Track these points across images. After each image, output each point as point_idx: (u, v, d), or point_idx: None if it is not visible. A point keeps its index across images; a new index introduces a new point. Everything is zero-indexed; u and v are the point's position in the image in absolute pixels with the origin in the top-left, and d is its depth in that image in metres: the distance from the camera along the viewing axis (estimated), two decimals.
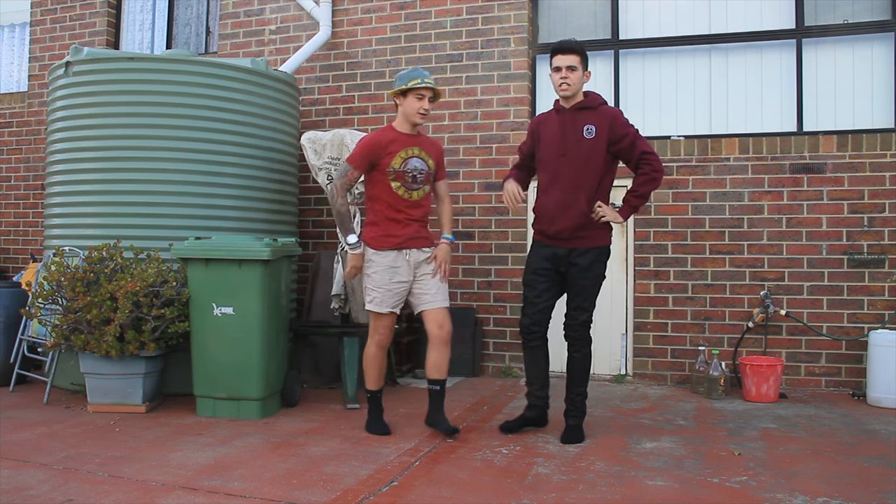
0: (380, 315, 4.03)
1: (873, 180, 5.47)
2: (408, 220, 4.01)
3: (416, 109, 3.96)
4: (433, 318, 4.03)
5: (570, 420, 4.05)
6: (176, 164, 5.11)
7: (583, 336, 4.01)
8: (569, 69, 3.90)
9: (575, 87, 3.92)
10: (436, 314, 4.03)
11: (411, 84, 3.92)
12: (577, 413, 4.06)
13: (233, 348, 4.43)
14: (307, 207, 6.67)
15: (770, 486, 3.25)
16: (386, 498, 3.07)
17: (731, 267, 5.69)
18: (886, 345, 4.99)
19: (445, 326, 4.03)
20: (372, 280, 4.01)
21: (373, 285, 4.00)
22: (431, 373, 4.10)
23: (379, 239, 4.00)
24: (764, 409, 4.90)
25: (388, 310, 4.01)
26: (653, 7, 6.14)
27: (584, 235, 3.95)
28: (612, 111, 3.99)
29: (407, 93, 3.96)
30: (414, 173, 3.99)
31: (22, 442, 3.88)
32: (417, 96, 3.95)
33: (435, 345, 4.05)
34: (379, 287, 3.98)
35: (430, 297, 4.03)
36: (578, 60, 3.92)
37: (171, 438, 3.97)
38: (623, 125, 3.92)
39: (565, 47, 3.94)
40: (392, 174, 3.95)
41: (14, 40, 8.15)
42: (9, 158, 7.80)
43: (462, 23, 6.32)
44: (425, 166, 4.04)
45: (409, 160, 3.98)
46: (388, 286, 3.98)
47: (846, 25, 5.70)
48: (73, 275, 4.51)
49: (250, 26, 6.95)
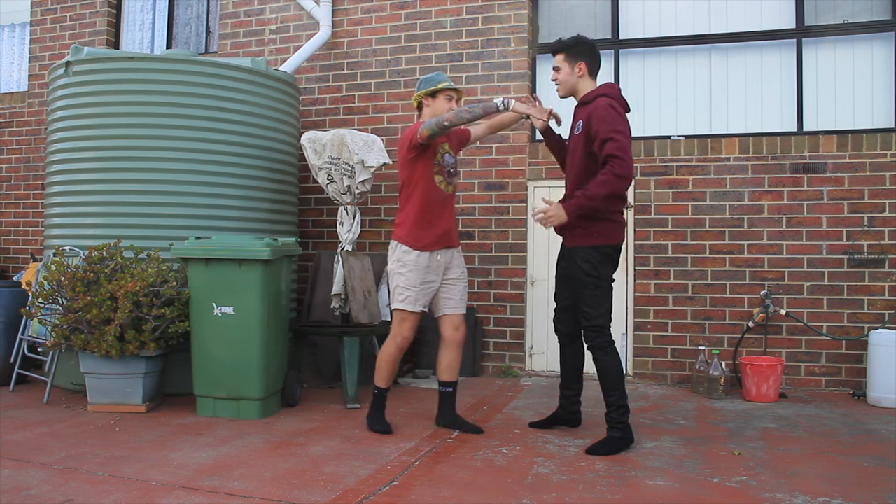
0: (410, 315, 4.03)
1: (873, 180, 5.47)
2: (441, 218, 4.07)
3: (445, 110, 4.06)
4: (451, 321, 4.12)
5: (608, 430, 3.85)
6: (176, 164, 5.11)
7: (595, 342, 3.82)
8: (555, 70, 3.97)
9: (565, 84, 3.95)
10: (454, 318, 4.13)
11: (441, 86, 4.07)
12: (613, 423, 3.82)
13: (233, 348, 4.42)
14: (307, 207, 6.67)
15: (770, 486, 3.25)
16: (386, 498, 3.07)
17: (731, 267, 5.69)
18: (886, 345, 4.99)
19: (461, 330, 4.13)
20: (406, 279, 4.01)
21: (406, 284, 4.01)
22: (444, 374, 4.13)
23: (415, 237, 4.02)
24: (764, 408, 4.90)
25: (421, 308, 4.04)
26: (653, 7, 6.14)
27: (569, 234, 3.91)
28: (597, 104, 3.74)
29: (437, 94, 4.10)
30: (449, 168, 4.13)
31: (22, 442, 3.88)
32: (447, 97, 4.10)
33: (449, 346, 4.11)
34: (413, 286, 4.00)
35: (454, 304, 4.13)
36: (563, 59, 3.93)
37: (172, 438, 3.97)
38: (599, 120, 3.67)
39: (550, 49, 4.01)
40: (437, 167, 4.06)
41: (14, 40, 8.15)
42: (9, 158, 7.80)
43: (462, 23, 6.32)
44: (454, 161, 4.20)
45: (445, 155, 4.13)
46: (422, 286, 4.01)
47: (846, 25, 5.70)
48: (73, 275, 4.51)
49: (250, 26, 6.95)
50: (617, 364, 3.83)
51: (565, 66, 3.93)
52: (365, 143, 5.33)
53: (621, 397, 3.81)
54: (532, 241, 6.13)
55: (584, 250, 3.83)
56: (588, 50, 3.94)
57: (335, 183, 5.35)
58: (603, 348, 3.82)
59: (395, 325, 4.08)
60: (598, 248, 3.82)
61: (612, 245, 3.86)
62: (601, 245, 3.82)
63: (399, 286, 4.04)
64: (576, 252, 3.86)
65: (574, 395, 4.17)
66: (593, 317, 3.82)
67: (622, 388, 3.83)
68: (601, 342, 3.82)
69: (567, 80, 3.93)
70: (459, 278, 4.16)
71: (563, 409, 4.22)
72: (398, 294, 4.04)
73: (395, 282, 4.06)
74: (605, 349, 3.82)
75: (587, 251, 3.82)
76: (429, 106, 4.13)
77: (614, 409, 3.81)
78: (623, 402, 3.82)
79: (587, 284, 3.83)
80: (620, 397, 3.81)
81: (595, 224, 3.80)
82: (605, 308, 3.83)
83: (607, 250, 3.84)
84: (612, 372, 3.81)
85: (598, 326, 3.82)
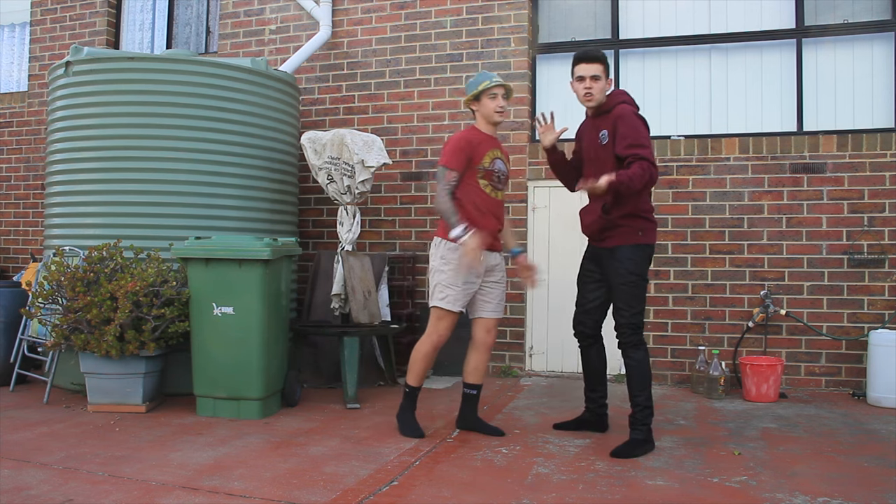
0: (448, 314, 3.99)
1: (873, 180, 5.47)
2: (491, 220, 4.01)
3: (492, 109, 4.01)
4: (484, 324, 4.08)
5: (631, 432, 3.84)
6: (176, 164, 5.11)
7: (629, 340, 3.81)
8: (593, 79, 3.86)
9: (598, 96, 3.88)
10: (488, 322, 4.09)
11: (482, 87, 3.98)
12: (637, 425, 3.81)
13: (233, 348, 4.42)
14: (307, 207, 6.67)
15: (770, 486, 3.25)
16: (386, 498, 3.07)
17: (731, 267, 5.69)
18: (886, 345, 4.99)
19: (493, 333, 4.11)
20: (448, 277, 3.95)
21: (448, 282, 3.95)
22: (470, 377, 4.11)
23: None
24: (764, 408, 4.90)
25: (459, 308, 3.99)
26: (653, 7, 6.14)
27: (610, 235, 3.91)
28: (621, 111, 3.81)
29: (480, 97, 4.01)
30: (499, 174, 4.05)
31: (22, 442, 3.87)
32: (490, 96, 4.00)
33: (479, 349, 4.09)
34: (455, 285, 3.94)
35: (493, 307, 4.09)
36: (602, 69, 3.86)
37: (172, 438, 3.97)
38: (629, 128, 3.74)
39: (590, 56, 3.87)
40: (482, 172, 3.98)
41: (14, 40, 8.15)
42: (9, 158, 7.80)
43: (462, 23, 6.32)
44: (505, 169, 4.12)
45: (496, 161, 4.04)
46: (464, 286, 3.96)
47: (846, 25, 5.70)
48: (73, 274, 4.51)
49: (250, 26, 6.95)
50: (648, 364, 3.85)
51: (604, 77, 3.88)
52: (365, 143, 5.33)
53: (648, 398, 3.81)
54: (532, 242, 6.13)
55: (629, 248, 3.85)
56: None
57: (335, 183, 5.35)
58: (637, 347, 3.83)
59: (431, 322, 4.04)
60: (641, 246, 3.87)
61: (651, 245, 3.93)
62: (644, 244, 3.88)
63: (440, 283, 3.98)
64: (619, 251, 3.86)
65: (600, 396, 4.17)
66: (631, 315, 3.82)
67: (650, 389, 3.83)
68: (635, 340, 3.83)
69: (601, 92, 3.88)
70: (499, 282, 4.10)
71: (589, 411, 4.22)
72: (439, 292, 3.98)
73: (436, 279, 4.00)
74: (638, 347, 3.83)
75: (632, 249, 3.85)
76: (477, 109, 4.06)
77: (640, 409, 3.81)
78: (649, 404, 3.82)
79: (629, 282, 3.84)
80: (648, 398, 3.81)
81: (639, 223, 3.85)
82: (641, 306, 3.87)
83: (648, 250, 3.91)
84: (643, 372, 3.83)
85: (634, 325, 3.83)
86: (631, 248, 3.85)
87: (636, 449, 3.74)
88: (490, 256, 4.04)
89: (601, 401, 4.17)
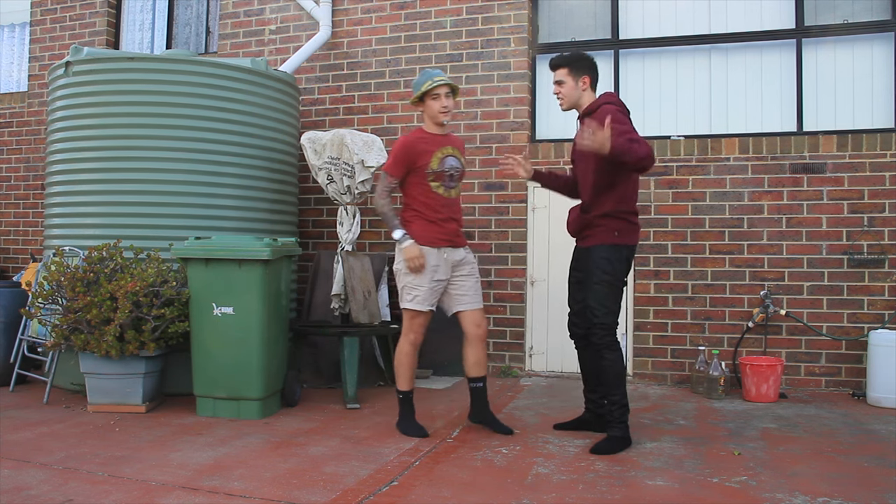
0: (419, 314, 4.03)
1: (873, 180, 5.47)
2: (448, 219, 4.06)
3: (436, 110, 4.03)
4: (471, 318, 4.10)
5: (609, 430, 3.90)
6: (176, 164, 5.11)
7: (603, 341, 3.86)
8: (558, 84, 4.00)
9: (568, 98, 3.98)
10: (473, 315, 4.10)
11: (424, 88, 4.00)
12: (613, 422, 3.87)
13: (233, 348, 4.42)
14: (307, 207, 6.67)
15: (770, 486, 3.25)
16: (386, 498, 3.07)
17: (731, 267, 5.69)
18: (886, 345, 4.99)
19: (482, 325, 4.13)
20: (414, 278, 3.99)
21: (415, 283, 3.99)
22: (473, 371, 4.13)
23: (421, 237, 4.01)
24: (764, 409, 4.90)
25: (429, 308, 4.03)
26: (653, 7, 6.14)
27: (589, 234, 3.97)
28: (605, 111, 3.78)
29: (424, 98, 4.03)
30: (451, 171, 4.07)
31: (22, 442, 3.87)
32: (433, 97, 4.02)
33: (473, 343, 4.10)
34: (421, 285, 3.98)
35: (469, 299, 4.10)
36: (566, 73, 3.97)
37: (171, 438, 3.97)
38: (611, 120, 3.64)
39: (551, 64, 4.03)
40: (432, 175, 4.01)
41: (14, 40, 8.15)
42: (9, 158, 7.80)
43: (462, 23, 6.32)
44: (459, 164, 4.14)
45: (446, 159, 4.06)
46: (430, 284, 3.99)
47: (846, 25, 5.70)
48: (73, 275, 4.51)
49: (250, 26, 6.95)
50: (621, 363, 3.92)
51: (569, 80, 3.96)
52: (365, 143, 5.33)
53: (623, 396, 3.89)
54: (532, 242, 6.13)
55: (604, 249, 3.88)
56: (591, 64, 4.02)
57: (335, 183, 5.35)
58: (610, 347, 3.88)
59: (405, 323, 4.09)
60: (617, 247, 3.90)
61: (629, 246, 3.96)
62: (620, 245, 3.90)
63: (407, 285, 4.02)
64: (594, 251, 3.90)
65: (599, 397, 4.18)
66: (602, 314, 3.87)
67: (624, 387, 3.91)
68: (609, 341, 3.88)
69: (571, 93, 3.97)
70: (470, 274, 4.12)
71: (589, 412, 4.24)
72: (406, 293, 4.03)
73: (402, 281, 4.04)
74: (611, 348, 3.88)
75: (608, 250, 3.88)
76: (423, 110, 4.10)
77: (616, 407, 3.88)
78: (625, 402, 3.89)
79: (601, 281, 3.87)
80: (623, 396, 3.89)
81: (616, 224, 3.88)
82: (615, 307, 3.90)
83: (626, 251, 3.94)
84: (616, 371, 3.89)
85: (607, 325, 3.87)
86: (606, 249, 3.89)
87: (616, 445, 3.80)
88: (454, 252, 4.08)
89: (600, 401, 4.18)
